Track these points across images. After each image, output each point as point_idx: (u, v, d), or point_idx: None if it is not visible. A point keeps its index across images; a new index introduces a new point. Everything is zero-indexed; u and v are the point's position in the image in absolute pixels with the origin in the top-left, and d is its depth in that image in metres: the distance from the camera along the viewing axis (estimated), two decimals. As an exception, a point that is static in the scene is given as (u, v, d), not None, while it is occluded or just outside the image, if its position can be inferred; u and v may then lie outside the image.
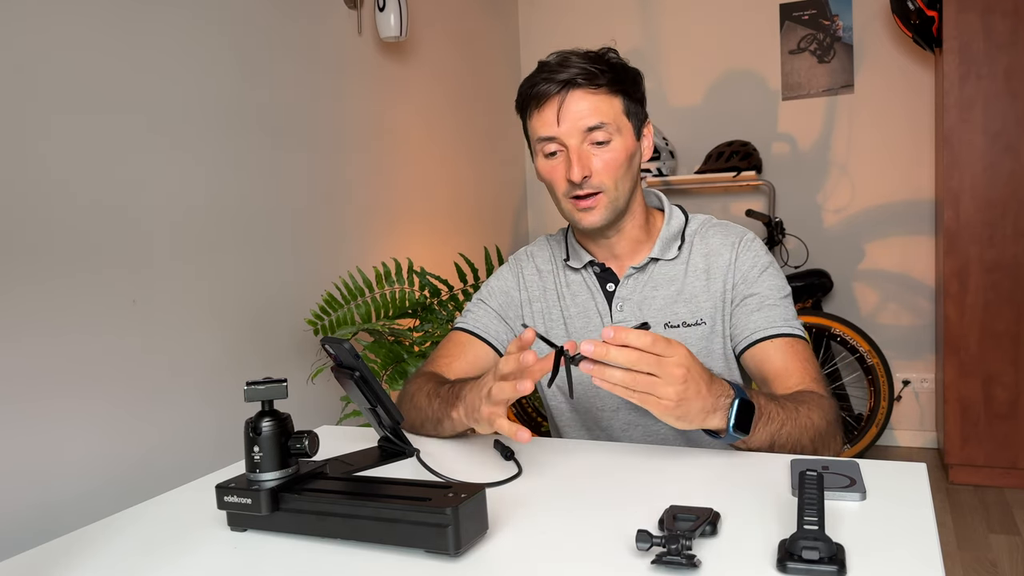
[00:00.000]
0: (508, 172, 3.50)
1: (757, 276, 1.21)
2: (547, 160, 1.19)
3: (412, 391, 1.21)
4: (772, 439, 0.98)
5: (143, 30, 1.67)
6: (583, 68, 1.13)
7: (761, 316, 1.18)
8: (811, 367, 1.14)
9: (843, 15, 3.11)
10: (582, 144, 1.15)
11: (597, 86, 1.14)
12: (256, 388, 0.84)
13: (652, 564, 0.70)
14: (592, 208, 1.17)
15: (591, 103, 1.14)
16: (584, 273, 1.29)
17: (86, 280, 1.53)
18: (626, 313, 1.24)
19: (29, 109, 1.43)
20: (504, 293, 1.34)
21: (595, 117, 1.14)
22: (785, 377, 1.13)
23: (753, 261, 1.22)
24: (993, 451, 2.71)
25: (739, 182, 3.11)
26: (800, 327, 1.19)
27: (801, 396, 1.06)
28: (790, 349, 1.15)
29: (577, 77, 1.13)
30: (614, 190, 1.17)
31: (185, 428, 1.74)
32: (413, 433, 1.19)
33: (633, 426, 1.25)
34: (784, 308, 1.19)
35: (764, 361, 1.16)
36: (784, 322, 1.17)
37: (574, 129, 1.14)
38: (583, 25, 3.48)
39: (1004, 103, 2.60)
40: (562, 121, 1.14)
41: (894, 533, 0.75)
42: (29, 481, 1.41)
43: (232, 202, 1.91)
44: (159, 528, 0.90)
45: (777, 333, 1.16)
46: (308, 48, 2.19)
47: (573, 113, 1.14)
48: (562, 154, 1.17)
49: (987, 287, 2.66)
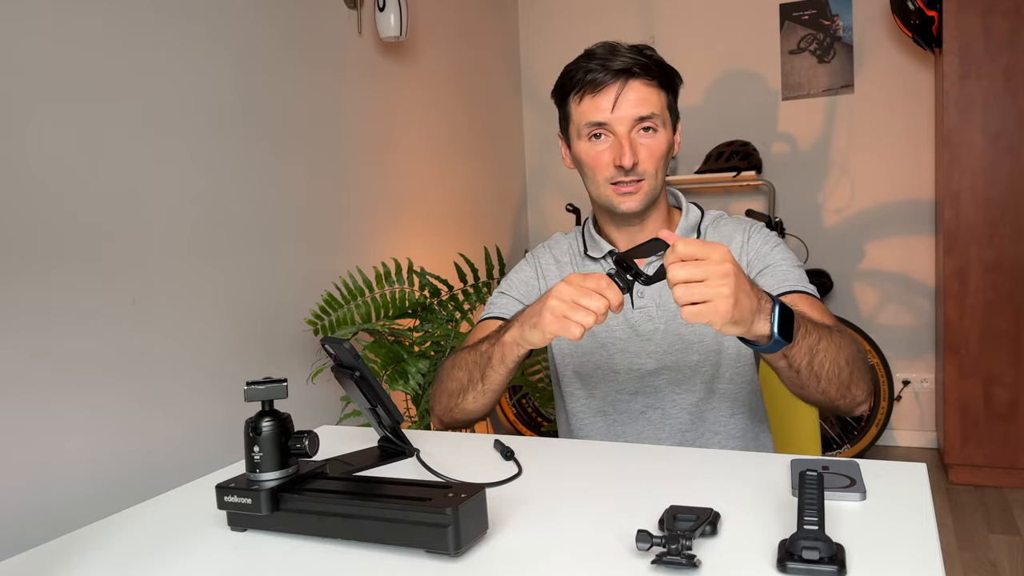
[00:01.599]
0: (508, 172, 3.50)
1: (769, 251, 1.25)
2: (591, 144, 1.22)
3: (450, 359, 1.24)
4: (811, 353, 0.99)
5: (143, 30, 1.67)
6: (636, 59, 1.18)
7: (775, 279, 1.21)
8: (828, 317, 1.15)
9: (843, 15, 3.11)
10: (632, 132, 1.19)
11: (652, 78, 1.19)
12: (256, 388, 0.84)
13: (652, 564, 0.70)
14: (633, 194, 1.21)
15: (644, 94, 1.19)
16: (604, 263, 1.31)
17: (86, 280, 1.53)
18: (646, 299, 1.28)
19: (29, 108, 1.43)
20: (524, 283, 1.37)
21: (647, 107, 1.19)
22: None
23: (764, 239, 1.27)
24: (993, 451, 2.71)
25: (739, 182, 3.11)
26: (815, 291, 1.21)
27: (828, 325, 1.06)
28: (809, 304, 1.16)
29: (634, 67, 1.18)
30: (654, 178, 1.22)
31: (185, 428, 1.74)
32: (450, 413, 1.22)
33: (652, 408, 1.28)
34: (799, 274, 1.22)
35: None
36: (798, 280, 1.21)
37: (626, 117, 1.18)
38: (583, 25, 3.48)
39: (1004, 103, 2.60)
40: (618, 108, 1.18)
41: (894, 533, 0.75)
42: (29, 481, 1.41)
43: (232, 202, 1.91)
44: (159, 528, 0.90)
45: (792, 289, 1.19)
46: (308, 48, 2.19)
47: (630, 102, 1.18)
48: (608, 140, 1.21)
49: (987, 287, 2.66)
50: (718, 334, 1.24)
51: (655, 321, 1.26)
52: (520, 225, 3.61)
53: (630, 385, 1.28)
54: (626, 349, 1.27)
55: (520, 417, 3.21)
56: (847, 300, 3.22)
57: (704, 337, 1.25)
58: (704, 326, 1.24)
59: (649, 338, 1.27)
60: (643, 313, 1.27)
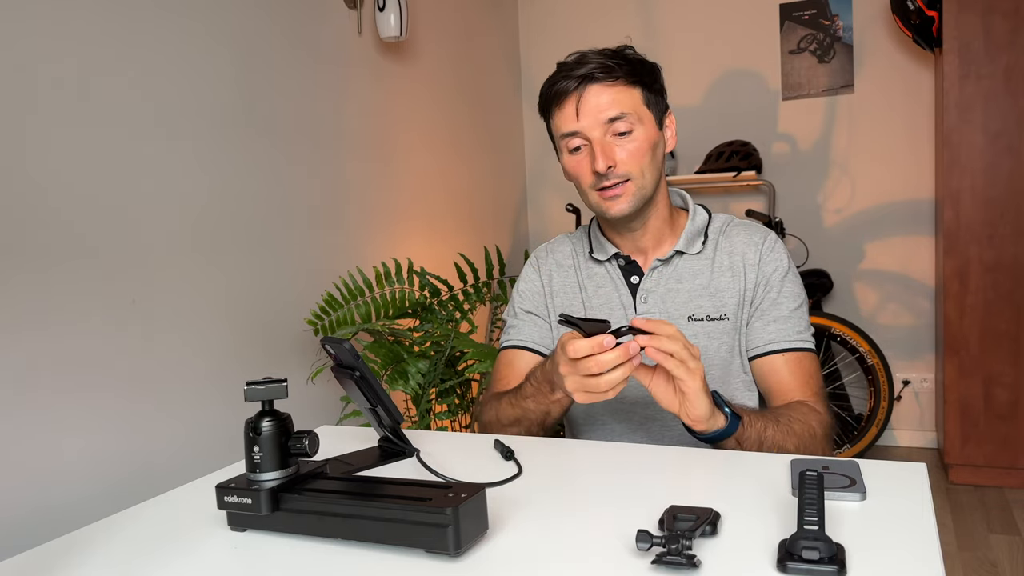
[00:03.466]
0: (508, 172, 3.50)
1: (779, 281, 1.23)
2: (572, 156, 1.22)
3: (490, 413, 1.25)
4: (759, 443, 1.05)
5: (143, 29, 1.67)
6: (599, 63, 1.17)
7: (775, 328, 1.22)
8: (813, 382, 1.20)
9: (843, 15, 3.11)
10: (604, 136, 1.17)
11: (615, 79, 1.17)
12: (256, 388, 0.84)
13: (652, 564, 0.70)
14: (619, 196, 1.19)
15: (609, 95, 1.17)
16: (608, 266, 1.30)
17: (86, 280, 1.53)
18: (650, 305, 1.26)
19: (29, 108, 1.43)
20: (533, 293, 1.37)
21: (614, 108, 1.16)
22: (787, 392, 1.19)
23: (776, 264, 1.24)
24: (993, 451, 2.71)
25: (739, 182, 3.11)
26: (810, 338, 1.23)
27: (793, 407, 1.14)
28: (797, 365, 1.20)
29: (595, 71, 1.16)
30: (640, 177, 1.19)
31: (185, 428, 1.74)
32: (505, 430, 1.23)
33: (651, 420, 1.27)
34: (798, 320, 1.23)
35: (770, 373, 1.22)
36: (796, 335, 1.22)
37: (595, 121, 1.17)
38: (583, 25, 3.48)
39: (1004, 103, 2.60)
40: (582, 115, 1.17)
41: (894, 533, 0.75)
42: (29, 481, 1.41)
43: (232, 202, 1.91)
44: (159, 528, 0.90)
45: (788, 347, 1.21)
46: (308, 48, 2.19)
47: (592, 106, 1.16)
48: (586, 148, 1.19)
49: (987, 287, 2.66)
50: (722, 346, 1.24)
51: None
52: (520, 225, 3.61)
53: (630, 394, 1.26)
54: None
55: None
56: (847, 300, 3.23)
57: (707, 350, 1.23)
58: (709, 339, 1.24)
59: None
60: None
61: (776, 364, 1.21)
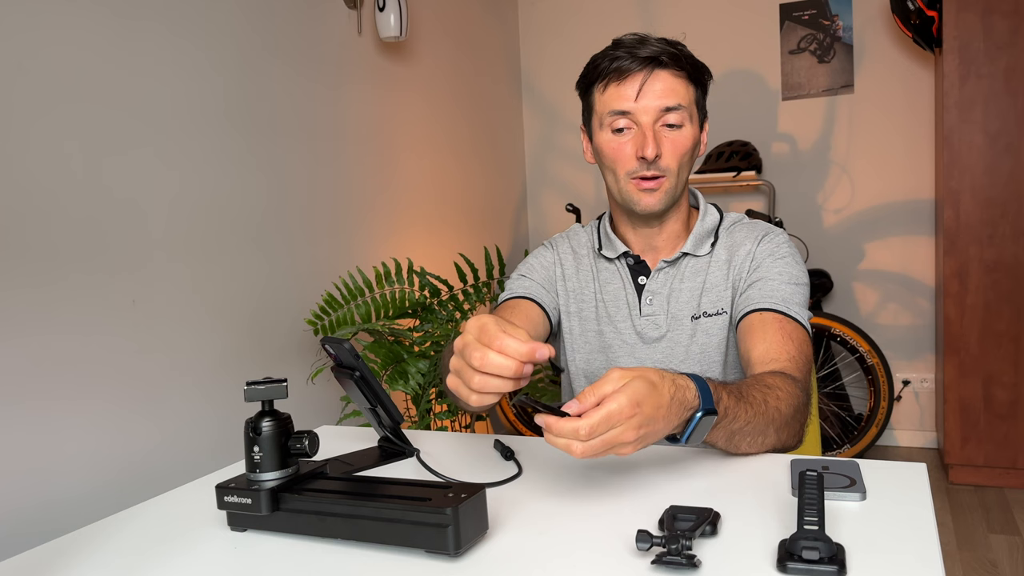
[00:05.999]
0: (508, 172, 3.50)
1: (771, 262, 1.19)
2: (614, 136, 1.18)
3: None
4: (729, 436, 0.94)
5: (143, 29, 1.67)
6: (666, 50, 1.15)
7: (757, 294, 1.16)
8: (792, 347, 1.08)
9: (843, 15, 3.11)
10: (655, 124, 1.15)
11: (680, 68, 1.16)
12: (256, 388, 0.84)
13: (652, 564, 0.70)
14: (655, 191, 1.17)
15: (671, 84, 1.15)
16: (617, 264, 1.29)
17: (86, 280, 1.53)
18: (655, 307, 1.25)
19: (28, 108, 1.43)
20: (544, 268, 1.35)
21: (674, 98, 1.15)
22: (766, 361, 1.07)
23: (772, 249, 1.21)
24: (993, 451, 2.71)
25: (739, 182, 3.11)
26: (801, 314, 1.14)
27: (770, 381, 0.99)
28: (779, 327, 1.10)
29: (661, 56, 1.14)
30: (675, 176, 1.17)
31: (185, 428, 1.74)
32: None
33: None
34: (789, 291, 1.16)
35: (749, 333, 1.12)
36: (782, 300, 1.14)
37: (651, 107, 1.15)
38: (583, 25, 3.48)
39: (1004, 103, 2.60)
40: (642, 97, 1.14)
41: (894, 533, 0.75)
42: (29, 481, 1.41)
43: (232, 202, 1.91)
44: (159, 528, 0.90)
45: (768, 308, 1.12)
46: (308, 48, 2.19)
47: (655, 91, 1.14)
48: (631, 132, 1.17)
49: (987, 287, 2.66)
50: (721, 343, 1.22)
51: (661, 329, 1.25)
52: (520, 225, 3.61)
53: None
54: (632, 355, 1.27)
55: (520, 417, 3.20)
56: (847, 300, 3.23)
57: (707, 348, 1.23)
58: (708, 336, 1.23)
59: (654, 346, 1.26)
60: (650, 321, 1.26)
61: (753, 323, 1.11)
